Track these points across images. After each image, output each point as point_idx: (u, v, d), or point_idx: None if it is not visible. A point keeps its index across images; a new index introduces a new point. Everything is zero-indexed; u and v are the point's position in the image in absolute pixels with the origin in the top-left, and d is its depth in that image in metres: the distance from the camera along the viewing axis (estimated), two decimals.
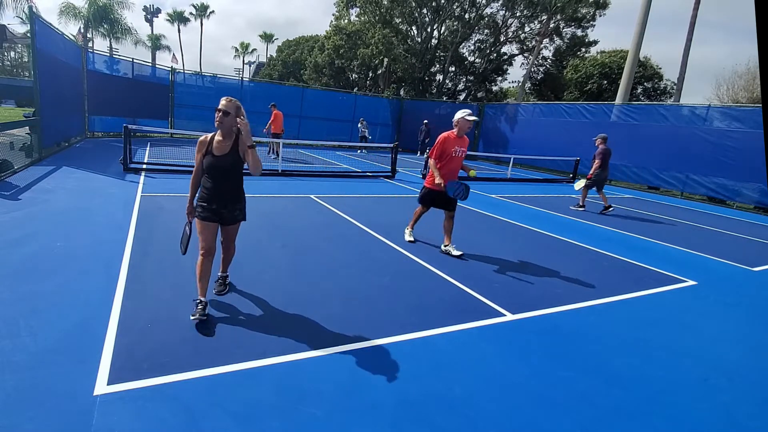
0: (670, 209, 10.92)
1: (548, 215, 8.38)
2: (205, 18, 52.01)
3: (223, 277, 3.52)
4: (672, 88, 25.72)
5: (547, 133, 17.79)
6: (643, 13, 18.18)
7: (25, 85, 30.85)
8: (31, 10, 9.15)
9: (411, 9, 28.34)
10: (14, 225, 4.71)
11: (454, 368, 2.72)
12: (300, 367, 2.58)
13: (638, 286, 4.62)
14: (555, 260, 5.34)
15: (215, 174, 2.99)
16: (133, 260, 3.99)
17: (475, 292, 3.98)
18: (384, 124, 23.06)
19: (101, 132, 15.61)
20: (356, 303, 3.57)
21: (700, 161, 13.22)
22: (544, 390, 2.59)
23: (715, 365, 3.11)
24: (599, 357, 3.05)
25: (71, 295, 3.20)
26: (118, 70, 16.21)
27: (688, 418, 2.46)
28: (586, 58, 28.30)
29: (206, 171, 3.00)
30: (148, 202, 6.32)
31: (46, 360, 2.40)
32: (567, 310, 3.82)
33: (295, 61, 39.89)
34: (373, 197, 8.61)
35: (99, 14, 27.93)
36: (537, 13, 27.20)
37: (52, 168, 8.30)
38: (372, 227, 5.99)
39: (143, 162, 9.63)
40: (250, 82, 23.27)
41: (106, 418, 2.01)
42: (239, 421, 2.08)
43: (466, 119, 4.96)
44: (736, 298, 4.66)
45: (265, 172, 10.35)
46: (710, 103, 14.59)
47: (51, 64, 9.94)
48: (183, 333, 2.81)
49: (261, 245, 4.86)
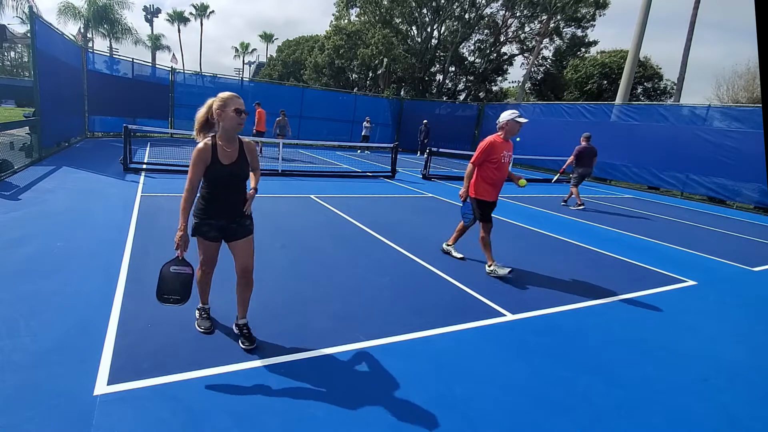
0: (670, 209, 10.92)
1: (548, 215, 8.38)
2: (205, 18, 52.03)
3: (245, 326, 2.75)
4: (672, 88, 25.73)
5: (547, 133, 17.78)
6: (643, 13, 18.18)
7: (25, 85, 30.85)
8: (31, 10, 9.15)
9: (411, 9, 28.36)
10: (14, 225, 4.71)
11: (454, 368, 2.72)
12: (300, 367, 2.58)
13: (638, 286, 4.62)
14: (555, 260, 5.35)
15: (227, 185, 2.54)
16: (133, 260, 3.99)
17: (475, 292, 3.98)
18: (384, 124, 23.04)
19: (101, 132, 15.60)
20: (356, 303, 3.57)
21: (700, 161, 13.22)
22: (544, 390, 2.59)
23: (715, 365, 3.11)
24: (599, 357, 3.05)
25: (71, 295, 3.20)
26: (118, 70, 16.22)
27: (688, 418, 2.46)
28: (586, 58, 28.31)
29: (212, 183, 2.53)
30: (148, 202, 6.32)
31: (46, 360, 2.40)
32: (567, 310, 3.82)
33: (295, 61, 39.88)
34: (373, 197, 8.60)
35: (99, 14, 27.94)
36: (537, 13, 27.23)
37: (52, 168, 8.30)
38: (372, 227, 5.99)
39: (143, 162, 9.63)
40: (250, 82, 23.27)
41: (106, 418, 2.01)
42: (239, 421, 2.08)
43: (516, 120, 4.38)
44: (736, 298, 4.66)
45: (265, 172, 10.36)
46: (710, 103, 14.59)
47: (51, 64, 9.94)
48: (183, 333, 2.81)
49: (261, 245, 4.85)
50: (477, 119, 22.30)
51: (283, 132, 14.04)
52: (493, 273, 4.46)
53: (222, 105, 2.47)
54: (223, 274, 3.26)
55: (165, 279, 2.54)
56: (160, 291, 2.54)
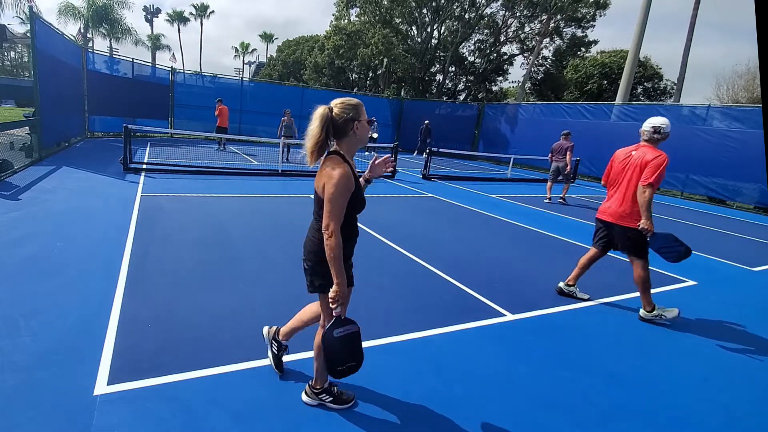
0: (670, 209, 10.92)
1: (548, 215, 8.37)
2: (205, 18, 52.10)
3: (284, 346, 2.53)
4: (672, 88, 25.73)
5: (547, 133, 17.78)
6: (643, 13, 18.18)
7: (25, 85, 30.89)
8: (31, 10, 9.14)
9: (411, 9, 28.35)
10: (14, 225, 4.71)
11: (454, 368, 2.72)
12: (300, 366, 2.58)
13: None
14: (555, 260, 5.34)
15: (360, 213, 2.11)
16: (133, 260, 3.99)
17: (475, 292, 3.98)
18: (384, 124, 23.05)
19: (101, 132, 15.61)
20: (356, 303, 3.56)
21: (700, 161, 13.22)
22: (544, 390, 2.59)
23: (715, 365, 3.11)
24: (599, 357, 3.05)
25: (71, 295, 3.20)
26: (118, 70, 16.22)
27: (688, 418, 2.46)
28: (586, 58, 28.31)
29: (353, 215, 2.05)
30: (148, 202, 6.32)
31: (46, 360, 2.40)
32: (567, 310, 3.82)
33: (295, 61, 39.89)
34: (373, 197, 8.60)
35: (99, 14, 27.94)
36: (537, 13, 27.22)
37: (52, 168, 8.30)
38: (372, 227, 5.99)
39: (143, 162, 9.64)
40: (250, 82, 23.25)
41: (106, 418, 2.01)
42: (239, 421, 2.08)
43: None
44: (736, 298, 4.66)
45: (265, 172, 10.36)
46: (710, 103, 14.59)
47: (51, 64, 9.94)
48: (183, 333, 2.81)
49: (262, 245, 4.86)
50: (477, 119, 22.31)
51: (289, 133, 13.13)
52: (660, 318, 3.72)
53: (357, 113, 1.98)
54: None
55: (334, 350, 1.97)
56: (332, 365, 1.98)
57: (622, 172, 3.78)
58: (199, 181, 8.43)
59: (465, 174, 14.42)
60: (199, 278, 3.73)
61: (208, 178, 8.89)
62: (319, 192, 1.98)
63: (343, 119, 1.97)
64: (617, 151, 3.98)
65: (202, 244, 4.69)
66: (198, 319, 3.00)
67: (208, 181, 8.54)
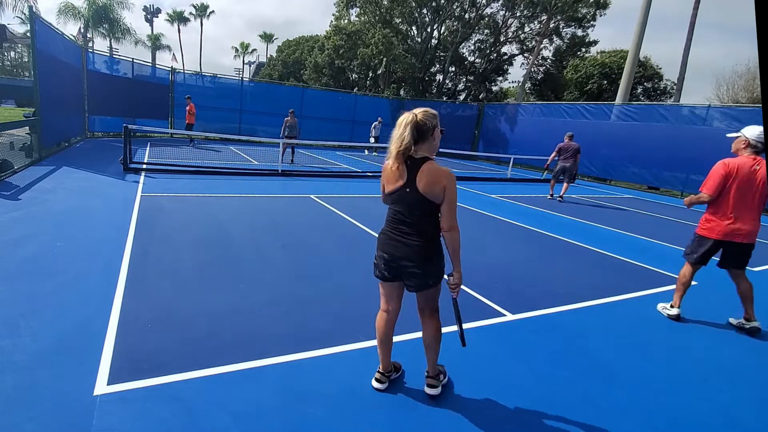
0: (670, 209, 10.91)
1: (548, 215, 8.37)
2: (205, 18, 52.09)
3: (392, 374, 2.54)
4: (672, 88, 25.75)
5: (547, 133, 17.80)
6: (643, 13, 18.19)
7: (25, 85, 30.90)
8: (31, 10, 9.15)
9: (411, 9, 28.33)
10: (14, 225, 4.71)
11: (453, 368, 2.72)
12: (300, 367, 2.58)
13: (638, 286, 4.62)
14: (555, 260, 5.34)
15: None
16: (133, 260, 3.99)
17: (475, 292, 3.98)
18: (384, 124, 23.04)
19: (101, 132, 15.61)
20: (356, 303, 3.56)
21: (700, 161, 13.21)
22: (544, 390, 2.59)
23: (715, 365, 3.11)
24: (599, 357, 3.05)
25: (71, 295, 3.20)
26: (118, 70, 16.22)
27: (688, 418, 2.46)
28: (586, 58, 28.32)
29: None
30: (148, 202, 6.32)
31: (46, 360, 2.40)
32: (567, 310, 3.82)
33: (295, 61, 39.88)
34: (374, 197, 8.60)
35: (99, 14, 27.94)
36: (537, 14, 27.20)
37: (52, 168, 8.30)
38: (372, 227, 5.99)
39: (143, 162, 9.64)
40: (250, 82, 23.25)
41: (106, 418, 2.01)
42: (239, 421, 2.07)
43: None
44: (736, 298, 4.65)
45: (265, 172, 10.36)
46: (710, 103, 14.60)
47: (51, 64, 9.94)
48: (183, 333, 2.81)
49: (261, 245, 4.86)
50: (477, 119, 22.32)
51: (293, 133, 12.81)
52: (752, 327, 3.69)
53: (437, 122, 2.14)
54: None
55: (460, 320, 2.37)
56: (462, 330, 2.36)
57: (751, 189, 3.57)
58: (199, 181, 8.43)
59: (465, 174, 14.42)
60: (199, 278, 3.73)
61: (208, 178, 8.89)
62: (434, 193, 2.09)
63: (425, 125, 2.10)
64: (730, 164, 3.70)
65: (202, 244, 4.69)
66: (198, 319, 3.00)
67: (208, 181, 8.54)
